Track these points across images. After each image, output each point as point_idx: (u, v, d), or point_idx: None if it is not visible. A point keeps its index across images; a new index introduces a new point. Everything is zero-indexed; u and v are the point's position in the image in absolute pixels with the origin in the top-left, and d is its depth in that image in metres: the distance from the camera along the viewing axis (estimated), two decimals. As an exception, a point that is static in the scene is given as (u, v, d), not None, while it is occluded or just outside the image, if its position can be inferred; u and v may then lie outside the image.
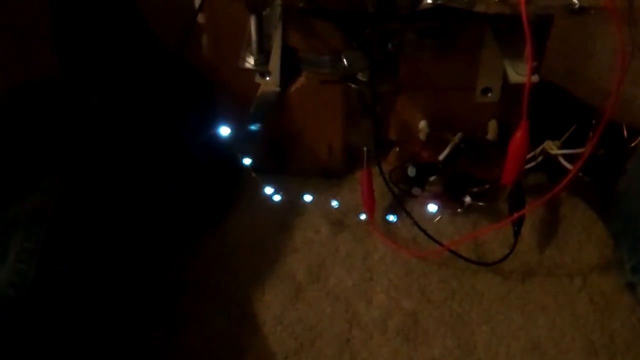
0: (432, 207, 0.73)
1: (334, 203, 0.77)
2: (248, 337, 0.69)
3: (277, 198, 0.73)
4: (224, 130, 0.66)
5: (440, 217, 0.75)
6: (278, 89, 0.70)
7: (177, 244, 0.74)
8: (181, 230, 0.73)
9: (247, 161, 0.67)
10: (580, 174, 0.66)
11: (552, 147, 0.69)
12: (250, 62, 0.64)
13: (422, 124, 0.73)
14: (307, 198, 0.76)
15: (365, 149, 0.73)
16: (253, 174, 0.69)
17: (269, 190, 0.72)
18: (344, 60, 0.67)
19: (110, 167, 0.64)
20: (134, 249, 0.66)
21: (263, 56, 0.63)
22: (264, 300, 0.71)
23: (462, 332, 0.69)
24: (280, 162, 0.79)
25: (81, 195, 0.61)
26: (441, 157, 0.72)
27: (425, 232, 0.73)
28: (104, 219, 0.62)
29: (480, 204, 0.73)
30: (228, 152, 0.67)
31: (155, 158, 0.68)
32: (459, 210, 0.74)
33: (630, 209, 0.69)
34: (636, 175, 0.68)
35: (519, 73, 0.62)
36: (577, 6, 0.56)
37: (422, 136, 0.73)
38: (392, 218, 0.76)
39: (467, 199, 0.72)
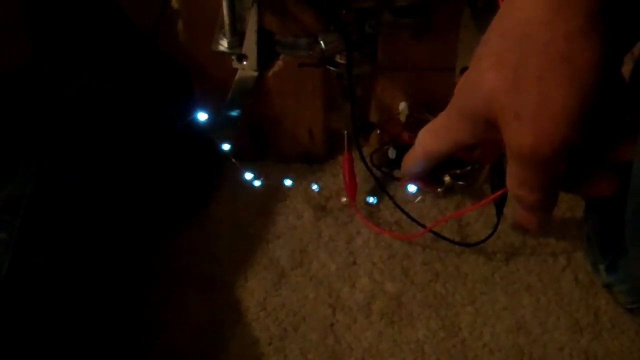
0: (413, 188, 0.72)
1: (316, 188, 0.76)
2: (232, 325, 0.68)
3: (258, 184, 0.72)
4: (202, 117, 0.66)
5: (423, 200, 0.75)
6: (256, 73, 0.69)
7: (157, 232, 0.73)
8: (161, 218, 0.73)
9: (226, 147, 0.66)
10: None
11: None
12: (224, 45, 0.63)
13: (402, 105, 0.73)
14: (289, 183, 0.75)
15: (345, 132, 0.72)
16: (233, 160, 0.68)
17: (249, 176, 0.71)
18: (321, 42, 0.66)
19: (86, 156, 0.63)
20: (112, 238, 0.65)
21: (237, 39, 0.62)
22: (246, 286, 0.71)
23: (446, 314, 0.69)
24: (260, 147, 0.79)
25: (57, 184, 0.60)
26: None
27: (407, 214, 0.72)
28: (80, 208, 0.61)
29: (461, 183, 0.73)
30: (207, 139, 0.67)
31: (132, 146, 0.67)
32: (439, 190, 0.74)
33: (600, 210, 0.69)
34: None
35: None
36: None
37: (402, 118, 0.73)
38: (372, 200, 0.75)
39: (447, 178, 0.72)
